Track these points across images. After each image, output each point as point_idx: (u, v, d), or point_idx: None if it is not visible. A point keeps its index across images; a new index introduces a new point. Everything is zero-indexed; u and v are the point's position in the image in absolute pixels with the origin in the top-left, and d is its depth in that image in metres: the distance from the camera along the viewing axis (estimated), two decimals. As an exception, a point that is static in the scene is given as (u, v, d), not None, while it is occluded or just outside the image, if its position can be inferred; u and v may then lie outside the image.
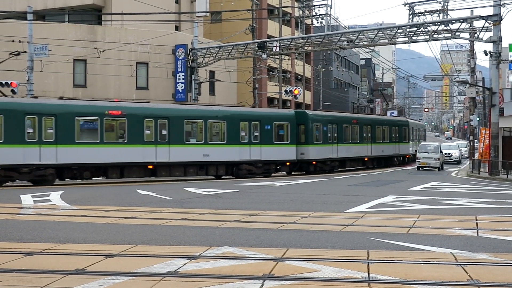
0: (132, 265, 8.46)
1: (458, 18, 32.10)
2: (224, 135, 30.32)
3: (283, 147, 32.58)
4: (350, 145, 38.57)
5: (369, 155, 41.52)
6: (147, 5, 40.07)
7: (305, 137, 34.38)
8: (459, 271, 8.18)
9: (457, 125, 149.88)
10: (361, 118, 41.87)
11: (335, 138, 36.86)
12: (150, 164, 27.71)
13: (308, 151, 34.25)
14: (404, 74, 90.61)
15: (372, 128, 42.00)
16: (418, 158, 39.87)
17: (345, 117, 39.82)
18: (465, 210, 15.89)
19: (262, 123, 31.66)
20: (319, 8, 43.93)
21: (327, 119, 36.57)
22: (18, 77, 32.60)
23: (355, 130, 39.67)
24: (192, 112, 30.00)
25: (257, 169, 31.47)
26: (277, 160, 32.64)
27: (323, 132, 35.64)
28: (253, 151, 31.12)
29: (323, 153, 35.58)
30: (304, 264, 8.52)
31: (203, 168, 29.65)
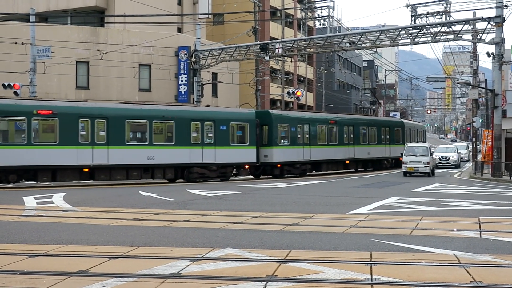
0: (135, 266, 8.46)
1: (460, 20, 32.06)
2: (172, 136, 28.51)
3: (242, 149, 30.74)
4: (326, 147, 36.48)
5: (351, 157, 39.08)
6: (149, 7, 40.12)
7: (269, 138, 32.60)
8: (462, 272, 8.17)
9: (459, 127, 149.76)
10: (340, 118, 39.30)
11: (307, 139, 34.84)
12: (86, 167, 26.15)
13: (272, 153, 32.43)
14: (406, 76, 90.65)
15: (355, 129, 39.79)
16: (404, 162, 34.45)
17: (319, 117, 37.55)
18: (468, 212, 15.88)
19: (217, 124, 29.75)
20: (321, 10, 44.07)
21: (296, 119, 34.56)
22: (21, 79, 32.65)
23: (333, 131, 37.57)
24: (134, 111, 28.11)
25: (211, 173, 29.68)
26: (234, 163, 30.77)
27: (291, 133, 33.69)
28: (206, 154, 29.25)
29: (291, 156, 33.57)
30: (307, 265, 8.51)
31: (148, 171, 27.95)
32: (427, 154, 34.28)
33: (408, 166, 34.24)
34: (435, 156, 43.85)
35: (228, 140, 30.17)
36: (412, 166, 34.03)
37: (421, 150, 34.69)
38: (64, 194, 20.53)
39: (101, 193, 21.81)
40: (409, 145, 36.11)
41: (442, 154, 46.99)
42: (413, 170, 34.10)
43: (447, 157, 46.50)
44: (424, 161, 33.89)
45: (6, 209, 16.01)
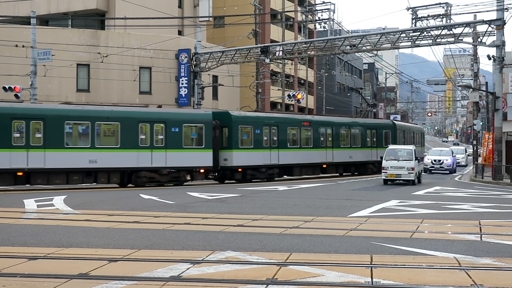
0: (135, 269, 8.46)
1: (461, 23, 32.08)
2: (118, 138, 26.89)
3: (197, 152, 28.96)
4: (298, 150, 34.36)
5: (329, 161, 36.79)
6: (150, 9, 40.15)
7: (229, 141, 30.79)
8: (462, 275, 8.16)
9: (460, 130, 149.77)
10: (317, 120, 37.01)
11: (275, 142, 32.74)
12: (20, 170, 24.80)
13: (232, 156, 30.48)
14: (407, 79, 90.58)
15: (335, 131, 37.49)
16: (384, 167, 29.23)
17: (290, 119, 35.31)
18: (468, 215, 15.87)
19: (168, 125, 28.02)
20: (322, 13, 44.07)
21: (262, 121, 32.46)
22: (21, 81, 32.68)
23: (307, 134, 35.39)
24: (75, 112, 26.47)
25: (161, 177, 27.95)
26: (188, 167, 28.97)
27: (255, 136, 31.67)
28: (156, 157, 27.56)
29: (255, 159, 31.55)
30: (307, 268, 8.51)
31: (90, 175, 26.33)
32: (411, 158, 29.06)
33: (389, 172, 29.11)
34: (427, 160, 42.47)
35: (181, 143, 28.44)
36: (393, 173, 29.00)
37: (404, 153, 29.51)
38: (64, 197, 20.53)
39: (101, 196, 21.81)
40: (391, 148, 30.56)
41: (435, 157, 43.19)
42: (394, 177, 29.22)
43: (440, 161, 42.51)
44: (408, 167, 28.74)
45: (6, 212, 16.01)
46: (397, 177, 29.11)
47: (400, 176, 29.02)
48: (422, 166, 32.59)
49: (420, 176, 30.95)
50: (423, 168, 32.34)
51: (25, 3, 41.00)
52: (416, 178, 29.28)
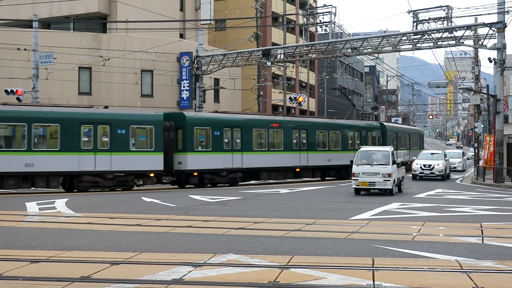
0: (137, 272, 8.48)
1: (462, 26, 32.09)
2: (58, 140, 25.40)
3: (146, 155, 27.43)
4: (266, 153, 32.37)
5: (304, 165, 34.59)
6: (151, 13, 40.21)
7: (183, 143, 29.00)
8: (464, 278, 8.17)
9: (461, 132, 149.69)
10: (288, 121, 34.53)
11: (238, 144, 30.88)
12: None
13: (186, 160, 28.72)
14: (408, 81, 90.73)
15: (309, 134, 35.17)
16: (355, 174, 24.17)
17: (257, 120, 32.88)
18: (470, 217, 15.87)
19: (114, 127, 26.49)
20: (323, 16, 43.99)
21: (222, 122, 30.51)
22: (23, 85, 32.73)
23: (276, 136, 33.45)
24: (8, 113, 24.94)
25: (106, 181, 26.49)
26: (137, 171, 27.38)
27: (214, 138, 29.83)
28: (100, 160, 26.00)
29: (214, 163, 29.74)
30: (309, 271, 8.52)
31: (27, 179, 24.90)
32: (388, 161, 24.03)
33: (360, 180, 23.92)
34: (416, 165, 37.39)
35: (128, 145, 26.88)
36: (365, 180, 23.85)
37: (380, 156, 24.59)
38: (66, 199, 20.55)
39: (103, 199, 21.83)
40: (363, 150, 25.62)
41: (425, 162, 37.46)
42: (367, 186, 23.99)
43: (431, 165, 36.81)
44: (383, 172, 23.70)
45: (9, 215, 16.03)
46: (371, 185, 23.78)
47: (374, 185, 23.75)
48: (404, 172, 26.88)
49: (401, 183, 25.73)
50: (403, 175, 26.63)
51: (27, 6, 41.09)
52: (394, 186, 24.34)
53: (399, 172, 25.34)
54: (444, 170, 37.00)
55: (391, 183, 23.63)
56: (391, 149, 24.98)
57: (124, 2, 41.20)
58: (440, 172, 36.65)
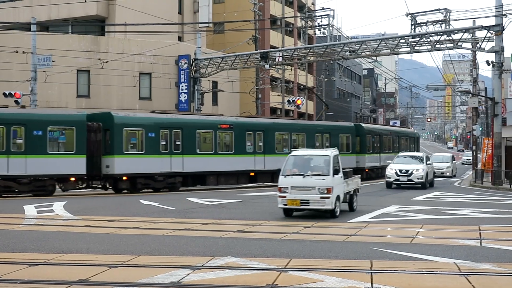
0: (135, 275, 8.47)
1: (460, 28, 32.15)
2: None
3: (66, 159, 25.39)
4: (213, 157, 30.09)
5: (260, 169, 31.80)
6: (150, 16, 40.21)
7: (111, 145, 26.72)
8: (462, 281, 8.18)
9: (459, 135, 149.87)
10: (241, 122, 32.03)
11: (178, 147, 28.59)
12: None
13: (114, 163, 26.34)
14: (406, 84, 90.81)
15: (267, 136, 32.45)
16: (281, 189, 16.73)
17: (201, 121, 30.46)
18: (468, 220, 15.88)
19: (29, 128, 24.50)
20: (321, 19, 44.05)
21: (157, 123, 28.19)
22: (21, 87, 32.70)
23: (226, 138, 31.19)
24: None
25: (21, 186, 24.43)
26: (56, 175, 25.25)
27: (147, 140, 27.59)
28: (14, 164, 24.07)
29: (147, 166, 27.43)
30: (307, 274, 8.52)
31: None
32: (327, 171, 16.63)
33: (289, 197, 16.42)
34: (390, 170, 30.99)
35: (45, 148, 24.90)
36: (296, 197, 16.42)
37: (317, 164, 17.22)
38: (64, 202, 20.53)
39: (101, 202, 21.82)
40: (294, 154, 18.00)
41: (401, 166, 30.99)
42: (298, 206, 16.53)
43: (408, 171, 30.35)
44: (320, 187, 16.31)
45: (6, 218, 16.01)
46: (303, 204, 16.31)
47: (307, 203, 16.28)
48: (358, 183, 19.67)
49: (353, 200, 18.58)
50: (357, 187, 19.38)
51: (25, 9, 41.09)
52: (339, 204, 16.97)
53: (349, 185, 18.02)
54: (425, 177, 30.38)
55: (331, 201, 16.04)
56: (333, 153, 17.03)
57: (123, 5, 41.21)
58: (420, 179, 30.20)
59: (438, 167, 42.14)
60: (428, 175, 31.22)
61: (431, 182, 32.35)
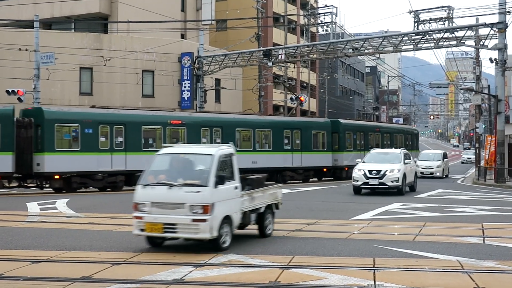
0: (138, 272, 8.48)
1: (463, 26, 32.06)
2: None
3: None
4: None
5: None
6: (153, 13, 40.17)
7: (41, 142, 25.09)
8: (465, 279, 8.17)
9: (462, 133, 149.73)
10: (194, 118, 30.39)
11: (120, 144, 26.98)
12: None
13: (44, 161, 24.67)
14: (409, 82, 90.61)
15: (225, 132, 30.63)
16: (137, 206, 10.78)
17: (146, 116, 28.76)
18: (471, 218, 15.86)
19: None
20: (324, 16, 43.93)
21: (95, 119, 26.53)
22: (24, 85, 32.72)
23: (176, 134, 29.39)
24: None
25: None
26: None
27: (83, 136, 25.86)
28: None
29: (83, 164, 25.66)
30: (310, 271, 8.52)
31: None
32: (206, 178, 10.79)
33: (147, 219, 10.53)
34: (358, 171, 24.70)
35: None
36: (157, 221, 10.53)
37: (198, 165, 11.56)
38: (67, 200, 20.55)
39: (104, 199, 21.83)
40: (164, 152, 11.79)
41: (372, 166, 24.60)
42: (160, 233, 10.58)
43: (380, 172, 23.98)
44: (193, 203, 10.46)
45: (10, 215, 16.04)
46: (168, 230, 10.52)
47: (174, 230, 10.50)
48: (273, 196, 13.27)
49: (264, 220, 12.60)
50: (275, 200, 13.36)
51: (28, 7, 41.09)
52: (223, 231, 10.77)
53: (253, 199, 12.09)
54: (402, 179, 23.99)
55: (209, 226, 10.31)
56: (218, 152, 11.21)
57: (125, 2, 41.20)
58: (395, 181, 23.77)
59: (427, 167, 38.78)
60: (407, 176, 24.78)
61: (412, 185, 25.88)
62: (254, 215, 12.05)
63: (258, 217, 12.21)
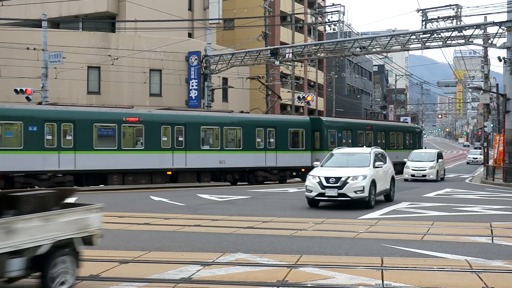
0: (146, 271, 8.49)
1: (471, 24, 31.94)
2: None
3: None
4: (115, 153, 26.69)
5: (180, 167, 28.37)
6: (160, 12, 40.25)
7: None
8: (474, 278, 8.14)
9: (471, 132, 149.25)
10: (154, 115, 28.65)
11: (68, 142, 25.56)
12: None
13: None
14: (417, 81, 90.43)
15: (189, 131, 28.99)
16: None
17: (98, 113, 27.08)
18: (479, 217, 15.80)
19: None
20: (331, 15, 43.95)
21: (39, 116, 25.10)
22: (32, 84, 32.85)
23: (133, 132, 28.00)
24: None
25: None
26: None
27: (26, 134, 24.49)
28: None
29: (25, 164, 24.43)
30: (317, 271, 8.51)
31: None
32: None
33: None
34: (311, 179, 18.42)
35: None
36: None
37: None
38: (75, 199, 20.60)
39: (112, 198, 21.88)
40: None
41: (331, 173, 18.66)
42: None
43: (340, 179, 18.10)
44: None
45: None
46: None
47: None
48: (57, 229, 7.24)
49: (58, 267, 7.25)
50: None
51: (36, 6, 41.23)
52: None
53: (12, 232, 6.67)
54: (369, 188, 18.14)
55: None
56: None
57: (133, 1, 41.30)
58: (359, 191, 17.90)
59: (418, 168, 34.31)
60: (378, 184, 18.95)
61: (388, 193, 20.53)
62: (19, 261, 6.86)
63: (35, 263, 7.03)
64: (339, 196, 18.07)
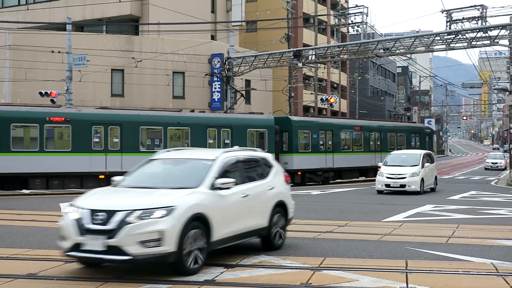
0: (170, 272, 8.51)
1: (497, 25, 31.57)
2: None
3: None
4: (37, 155, 24.78)
5: (112, 170, 25.39)
6: (183, 15, 40.41)
7: None
8: (500, 282, 8.03)
9: (496, 133, 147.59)
10: (84, 115, 26.53)
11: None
12: None
13: None
14: (441, 82, 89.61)
15: (126, 131, 26.94)
16: None
17: (17, 113, 24.97)
18: (505, 220, 15.60)
19: None
20: (355, 16, 43.73)
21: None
22: (57, 87, 33.18)
23: (59, 133, 26.33)
24: None
25: None
26: None
27: None
28: None
29: None
30: (341, 273, 8.46)
31: None
32: None
33: None
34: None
35: None
36: None
37: None
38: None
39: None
40: None
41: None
42: None
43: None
44: None
45: (44, 215, 16.27)
46: None
47: None
48: None
49: None
50: None
51: (60, 9, 41.66)
52: None
53: None
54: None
55: None
56: None
57: (156, 4, 41.54)
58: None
59: (395, 175, 25.43)
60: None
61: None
62: None
63: None
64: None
